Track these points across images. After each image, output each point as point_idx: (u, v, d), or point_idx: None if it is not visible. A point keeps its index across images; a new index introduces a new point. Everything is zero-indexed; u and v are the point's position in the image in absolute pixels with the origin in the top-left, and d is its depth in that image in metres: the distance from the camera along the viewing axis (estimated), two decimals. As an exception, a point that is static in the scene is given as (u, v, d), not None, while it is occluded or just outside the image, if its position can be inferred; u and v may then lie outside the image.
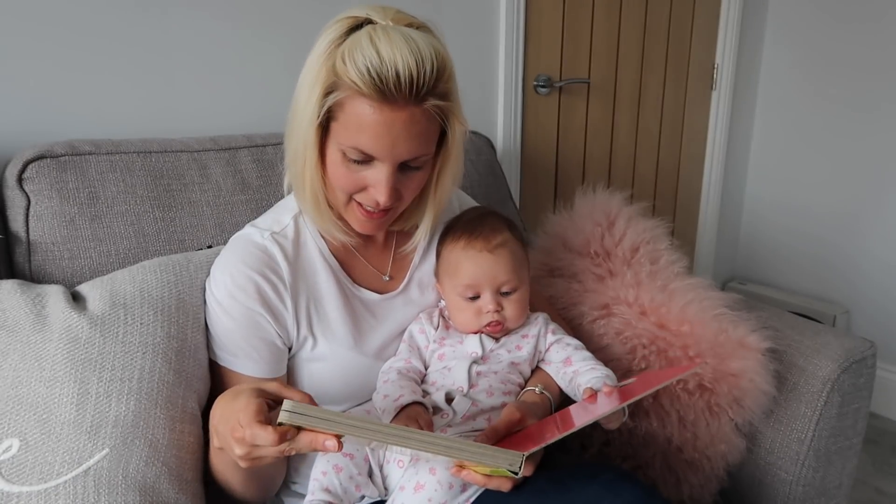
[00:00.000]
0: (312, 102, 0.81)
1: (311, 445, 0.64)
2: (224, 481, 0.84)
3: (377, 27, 0.79)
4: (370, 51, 0.76)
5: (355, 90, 0.78)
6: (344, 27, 0.81)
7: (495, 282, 0.93)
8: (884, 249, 2.14)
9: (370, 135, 0.80)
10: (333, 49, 0.80)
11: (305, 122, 0.82)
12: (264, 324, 0.87)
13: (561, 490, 0.81)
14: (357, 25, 0.80)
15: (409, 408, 0.85)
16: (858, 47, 2.09)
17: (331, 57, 0.79)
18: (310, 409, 0.62)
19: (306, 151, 0.84)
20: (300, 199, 0.90)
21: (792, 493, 1.11)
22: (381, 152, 0.81)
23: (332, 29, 0.82)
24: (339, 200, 0.88)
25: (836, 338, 1.13)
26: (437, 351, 0.95)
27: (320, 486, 0.83)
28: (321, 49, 0.81)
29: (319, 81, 0.80)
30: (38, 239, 0.97)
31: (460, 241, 0.94)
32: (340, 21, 0.82)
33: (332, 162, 0.84)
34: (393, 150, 0.81)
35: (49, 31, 1.11)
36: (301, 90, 0.83)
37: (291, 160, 0.88)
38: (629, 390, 0.82)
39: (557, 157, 1.93)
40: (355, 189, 0.85)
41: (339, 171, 0.84)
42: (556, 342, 0.97)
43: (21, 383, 0.78)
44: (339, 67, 0.78)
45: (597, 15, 1.88)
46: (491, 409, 0.89)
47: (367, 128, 0.79)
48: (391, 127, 0.79)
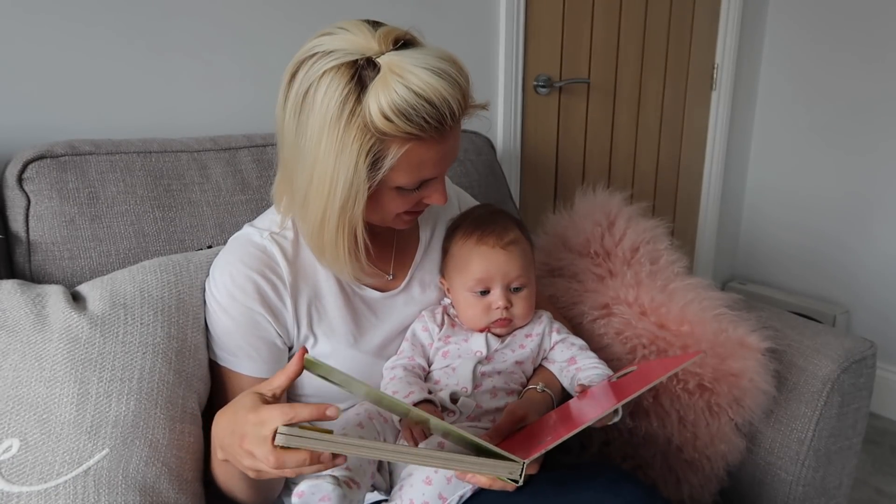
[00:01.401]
0: (352, 168, 0.76)
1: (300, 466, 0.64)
2: (227, 490, 0.84)
3: (390, 66, 0.74)
4: (414, 99, 0.73)
5: (411, 139, 0.76)
6: (343, 78, 0.75)
7: (507, 278, 0.93)
8: (883, 249, 2.14)
9: (433, 165, 0.81)
10: (352, 106, 0.74)
11: (345, 188, 0.77)
12: (264, 323, 0.87)
13: (561, 490, 0.81)
14: (356, 72, 0.75)
15: (420, 405, 0.85)
16: (858, 47, 2.09)
17: (356, 116, 0.75)
18: (306, 431, 0.63)
19: (347, 215, 0.80)
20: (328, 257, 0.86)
21: (792, 493, 1.11)
22: (441, 172, 0.83)
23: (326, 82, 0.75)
24: (385, 220, 0.89)
25: (836, 338, 1.13)
26: (442, 348, 0.95)
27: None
28: (330, 109, 0.75)
29: (354, 145, 0.75)
30: (38, 239, 0.97)
31: (472, 237, 0.94)
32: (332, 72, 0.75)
33: (387, 200, 0.83)
34: (448, 164, 0.83)
35: (49, 32, 1.11)
36: (322, 156, 0.77)
37: (317, 227, 0.82)
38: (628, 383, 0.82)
39: (557, 157, 1.93)
40: (410, 209, 0.87)
41: (394, 203, 0.84)
42: (560, 341, 0.98)
43: (21, 383, 0.78)
44: (381, 126, 0.74)
45: (597, 15, 1.88)
46: (495, 410, 0.90)
47: (429, 162, 0.80)
48: (447, 150, 0.81)
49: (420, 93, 0.73)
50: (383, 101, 0.73)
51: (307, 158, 0.79)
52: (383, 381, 0.93)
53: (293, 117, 0.80)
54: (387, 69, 0.74)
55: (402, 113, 0.74)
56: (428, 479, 0.81)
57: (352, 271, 0.87)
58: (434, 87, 0.74)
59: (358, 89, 0.75)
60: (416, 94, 0.73)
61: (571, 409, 0.82)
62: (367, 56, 0.76)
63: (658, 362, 0.92)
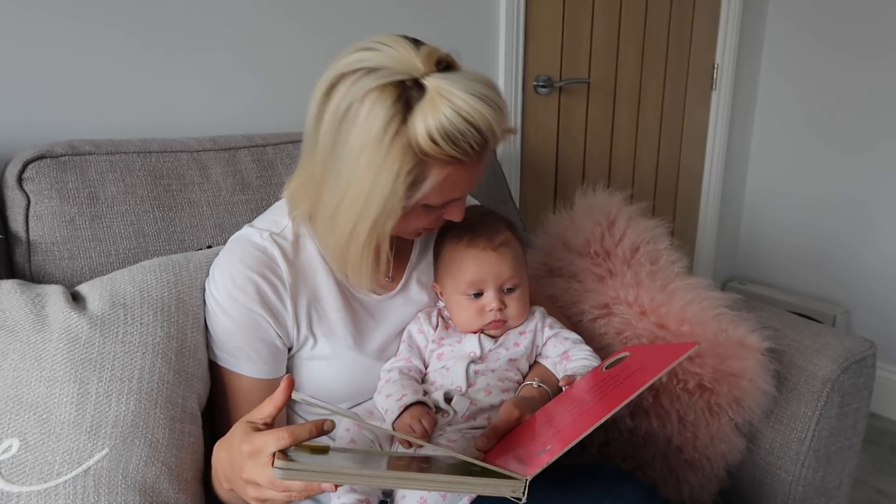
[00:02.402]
0: (390, 185, 0.76)
1: (307, 490, 0.65)
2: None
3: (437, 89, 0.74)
4: (463, 124, 0.74)
5: (453, 162, 0.77)
6: (389, 98, 0.74)
7: (499, 279, 0.93)
8: (884, 249, 2.14)
9: (463, 186, 0.82)
10: (397, 125, 0.74)
11: (380, 204, 0.77)
12: (264, 324, 0.87)
13: (561, 490, 0.81)
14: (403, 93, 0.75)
15: (413, 407, 0.85)
16: (858, 47, 2.09)
17: (400, 136, 0.75)
18: (303, 465, 0.63)
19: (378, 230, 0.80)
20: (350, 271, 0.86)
21: (792, 493, 1.11)
22: (468, 192, 0.85)
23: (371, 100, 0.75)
24: (404, 233, 0.89)
25: (836, 338, 1.13)
26: (436, 351, 0.95)
27: (345, 489, 0.82)
28: (373, 127, 0.75)
29: (395, 163, 0.75)
30: (38, 239, 0.97)
31: (462, 240, 0.94)
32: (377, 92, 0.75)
33: (413, 217, 0.84)
34: (475, 185, 0.85)
35: (49, 32, 1.11)
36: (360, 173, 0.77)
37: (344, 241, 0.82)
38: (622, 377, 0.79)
39: (557, 157, 1.93)
40: (431, 225, 0.88)
41: (420, 220, 0.85)
42: (553, 336, 0.98)
43: (21, 383, 0.78)
44: (426, 147, 0.74)
45: (597, 15, 1.88)
46: (490, 408, 0.90)
47: (461, 183, 0.81)
48: (478, 170, 0.82)
49: (467, 118, 0.74)
50: (431, 124, 0.74)
51: (343, 174, 0.78)
52: (379, 384, 0.93)
53: (331, 132, 0.79)
54: (434, 91, 0.74)
55: (449, 137, 0.74)
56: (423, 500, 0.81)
57: (370, 284, 0.88)
58: (480, 112, 0.74)
59: (404, 110, 0.75)
60: (464, 119, 0.74)
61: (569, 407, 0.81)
62: (414, 77, 0.76)
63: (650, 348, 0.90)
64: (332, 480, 0.63)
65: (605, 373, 0.83)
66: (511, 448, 0.77)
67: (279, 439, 0.64)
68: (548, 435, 0.74)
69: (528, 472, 0.68)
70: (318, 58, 1.40)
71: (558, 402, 0.83)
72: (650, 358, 0.80)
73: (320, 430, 0.66)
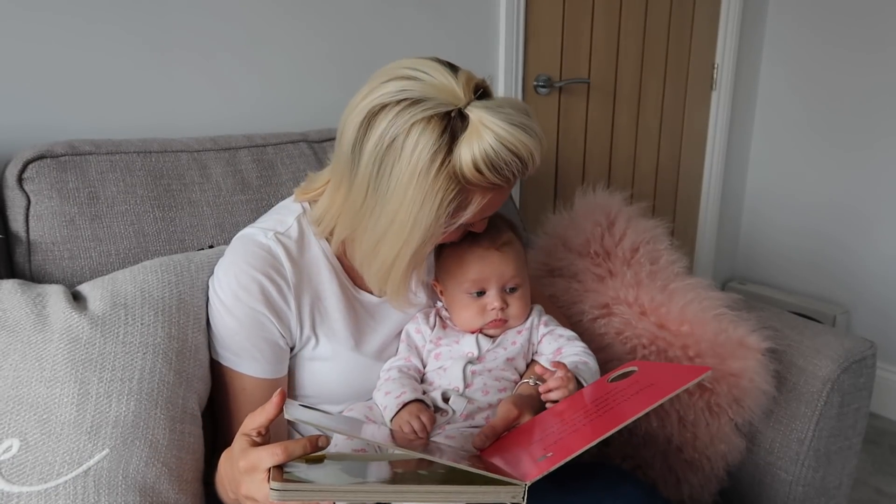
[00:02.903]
0: (433, 214, 0.78)
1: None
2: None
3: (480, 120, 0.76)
4: (506, 154, 0.76)
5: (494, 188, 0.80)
6: (436, 131, 0.75)
7: (502, 279, 0.94)
8: (884, 249, 2.14)
9: (496, 205, 0.84)
10: (443, 156, 0.76)
11: (424, 232, 0.79)
12: (268, 324, 0.87)
13: (561, 490, 0.81)
14: (448, 124, 0.76)
15: (411, 405, 0.86)
16: (859, 47, 2.09)
17: (446, 165, 0.76)
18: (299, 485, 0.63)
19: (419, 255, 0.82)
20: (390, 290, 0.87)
21: (792, 493, 1.11)
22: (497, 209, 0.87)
23: (417, 132, 0.76)
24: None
25: (836, 338, 1.14)
26: (434, 350, 0.95)
27: None
28: (421, 160, 0.76)
29: (440, 192, 0.77)
30: (38, 239, 0.97)
31: (466, 239, 0.94)
32: (423, 123, 0.76)
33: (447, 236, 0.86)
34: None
35: (49, 31, 1.11)
36: (406, 203, 0.78)
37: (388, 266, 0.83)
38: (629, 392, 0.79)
39: (557, 157, 1.93)
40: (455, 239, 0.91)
41: (450, 237, 0.88)
42: (548, 333, 0.98)
43: (21, 383, 0.78)
44: (471, 176, 0.76)
45: (597, 15, 1.88)
46: (488, 407, 0.90)
47: (494, 203, 0.83)
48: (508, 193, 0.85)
49: (510, 147, 0.76)
50: (477, 154, 0.75)
51: (389, 205, 0.79)
52: (378, 382, 0.93)
53: (373, 163, 0.79)
54: (477, 122, 0.76)
55: (494, 165, 0.76)
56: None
57: (405, 304, 0.91)
58: (522, 141, 0.76)
59: (450, 141, 0.76)
60: (507, 149, 0.76)
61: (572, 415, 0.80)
62: (458, 107, 0.77)
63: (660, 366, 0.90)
64: (328, 498, 0.63)
65: (610, 385, 0.82)
66: (509, 448, 0.77)
67: (273, 455, 0.64)
68: (549, 441, 0.73)
69: (527, 477, 0.68)
70: (320, 58, 1.40)
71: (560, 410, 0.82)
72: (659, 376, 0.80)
73: (314, 446, 0.66)
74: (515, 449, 0.76)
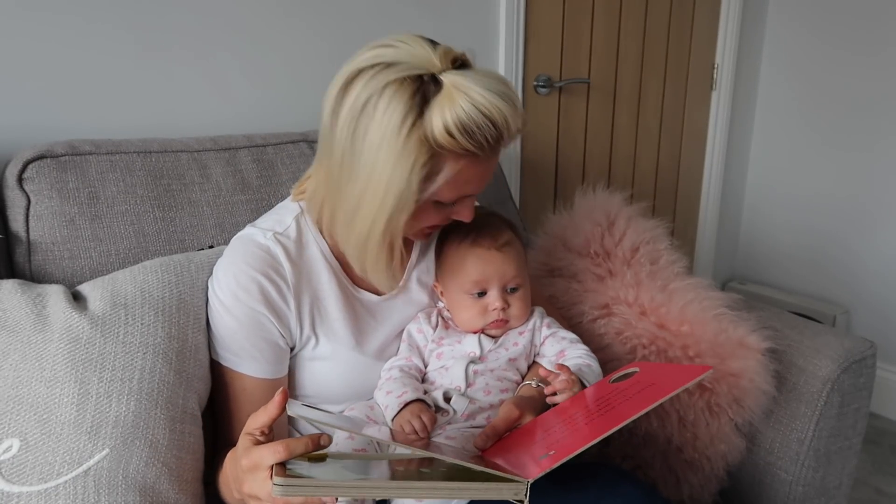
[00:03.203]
0: (405, 179, 0.77)
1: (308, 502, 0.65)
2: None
3: (454, 84, 0.75)
4: (479, 117, 0.75)
5: (468, 155, 0.78)
6: (407, 92, 0.75)
7: (503, 279, 0.94)
8: (884, 249, 2.14)
9: (476, 182, 0.83)
10: (413, 118, 0.75)
11: (395, 199, 0.78)
12: (268, 324, 0.87)
13: (560, 489, 0.81)
14: (420, 88, 0.76)
15: (412, 405, 0.86)
16: (859, 47, 2.09)
17: (416, 129, 0.76)
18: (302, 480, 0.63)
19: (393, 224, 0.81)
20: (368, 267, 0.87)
21: (792, 493, 1.11)
22: (480, 189, 0.85)
23: (389, 94, 0.76)
24: (411, 233, 0.89)
25: (836, 338, 1.14)
26: (436, 350, 0.95)
27: None
28: (392, 121, 0.76)
29: (410, 156, 0.76)
30: (38, 239, 0.97)
31: (466, 240, 0.94)
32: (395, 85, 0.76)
33: (424, 213, 0.84)
34: (487, 183, 0.85)
35: (49, 31, 1.11)
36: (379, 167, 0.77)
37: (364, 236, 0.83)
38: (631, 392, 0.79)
39: (557, 157, 1.93)
40: (439, 223, 0.89)
41: (429, 217, 0.86)
42: (550, 336, 0.98)
43: (21, 383, 0.78)
44: (442, 140, 0.75)
45: (597, 15, 1.88)
46: (490, 407, 0.90)
47: (474, 178, 0.82)
48: (490, 168, 0.83)
49: (484, 111, 0.75)
50: (448, 117, 0.75)
51: (362, 169, 0.79)
52: (380, 382, 0.93)
53: (348, 126, 0.79)
54: (450, 86, 0.76)
55: (466, 129, 0.75)
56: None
57: (387, 281, 0.90)
58: (497, 106, 0.75)
59: (421, 103, 0.76)
60: (480, 112, 0.75)
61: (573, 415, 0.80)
62: (431, 72, 0.77)
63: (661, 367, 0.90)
64: (331, 494, 0.63)
65: (611, 385, 0.82)
66: (510, 449, 0.77)
67: (275, 453, 0.64)
68: (551, 440, 0.74)
69: (529, 475, 0.68)
70: (319, 58, 1.40)
71: (561, 410, 0.82)
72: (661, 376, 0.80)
73: (316, 444, 0.66)
74: (517, 449, 0.76)
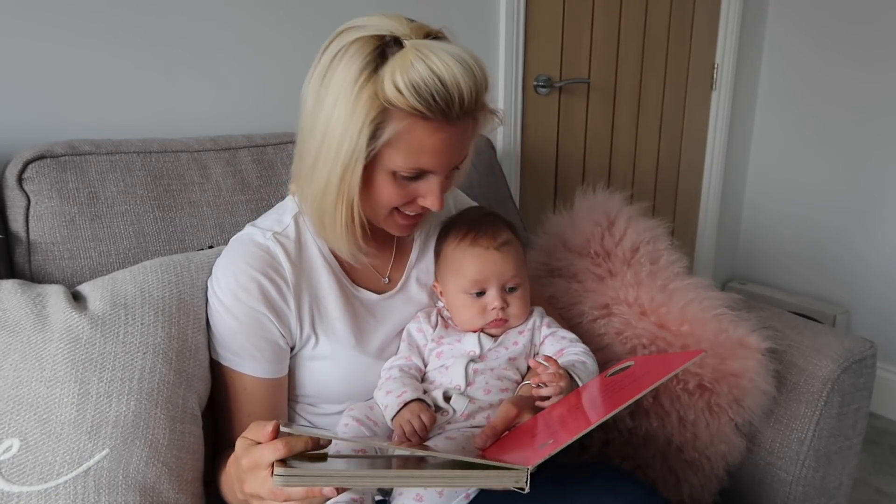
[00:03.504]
0: (356, 135, 0.77)
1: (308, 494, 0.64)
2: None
3: (414, 46, 0.76)
4: (429, 74, 0.75)
5: (417, 116, 0.77)
6: (368, 48, 0.77)
7: (502, 278, 0.94)
8: (884, 249, 2.14)
9: (431, 154, 0.81)
10: (369, 73, 0.76)
11: (346, 155, 0.79)
12: (268, 324, 0.88)
13: (561, 490, 0.81)
14: (382, 44, 0.77)
15: (412, 404, 0.86)
16: (858, 47, 2.09)
17: (369, 83, 0.76)
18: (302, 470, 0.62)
19: (345, 185, 0.81)
20: (327, 228, 0.87)
21: (792, 493, 1.11)
22: (439, 166, 0.83)
23: (353, 50, 0.78)
24: (378, 215, 0.88)
25: (836, 338, 1.13)
26: (436, 349, 0.95)
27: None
28: (349, 74, 0.77)
29: (362, 111, 0.77)
30: (38, 239, 0.97)
31: (465, 240, 0.94)
32: (359, 42, 0.78)
33: (379, 184, 0.83)
34: (449, 162, 0.83)
35: (49, 31, 1.11)
36: (334, 121, 0.79)
37: (320, 194, 0.83)
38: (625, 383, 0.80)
39: (557, 157, 1.93)
40: (404, 202, 0.87)
41: (387, 191, 0.84)
42: (550, 335, 0.98)
43: (21, 383, 0.78)
44: (391, 95, 0.76)
45: (597, 15, 1.88)
46: (490, 407, 0.90)
47: (428, 149, 0.80)
48: (450, 142, 0.81)
49: (435, 70, 0.75)
50: (398, 73, 0.75)
51: (321, 121, 0.80)
52: (380, 381, 0.93)
53: (318, 81, 0.81)
54: (411, 47, 0.77)
55: (413, 86, 0.75)
56: (419, 496, 0.81)
57: (348, 247, 0.88)
58: (450, 68, 0.75)
59: (378, 60, 0.77)
60: (431, 71, 0.75)
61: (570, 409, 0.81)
62: (395, 35, 0.78)
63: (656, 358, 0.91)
64: (332, 483, 0.63)
65: (608, 379, 0.83)
66: (510, 447, 0.77)
67: (275, 450, 0.64)
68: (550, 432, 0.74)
69: (529, 463, 0.68)
70: (319, 58, 1.40)
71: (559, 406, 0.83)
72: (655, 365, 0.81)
73: (316, 443, 0.66)
74: (516, 448, 0.76)
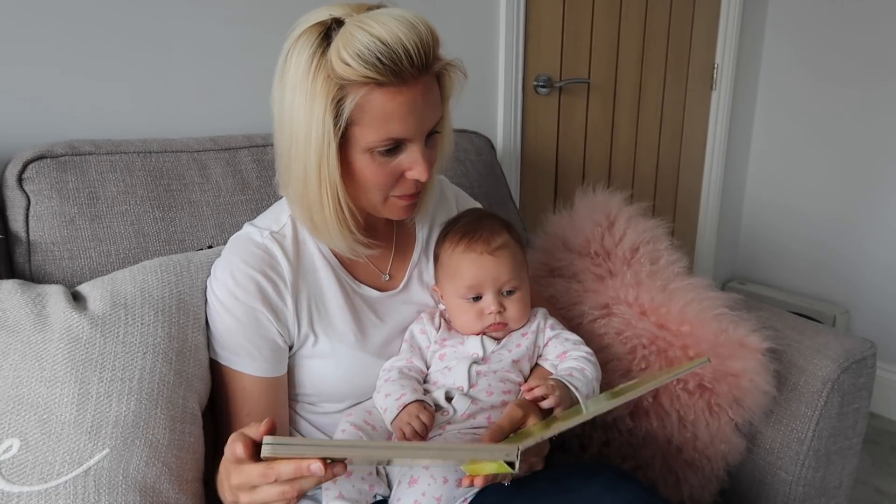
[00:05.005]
0: (321, 120, 0.78)
1: (297, 472, 0.62)
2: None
3: (353, 19, 0.77)
4: (369, 39, 0.75)
5: (371, 84, 0.77)
6: (313, 36, 0.79)
7: (497, 283, 0.93)
8: (884, 250, 2.14)
9: (398, 119, 0.80)
10: (318, 59, 0.78)
11: (317, 142, 0.79)
12: (266, 322, 0.88)
13: (561, 490, 0.81)
14: (326, 29, 0.79)
15: (411, 405, 0.85)
16: (859, 49, 2.09)
17: (321, 68, 0.77)
18: (290, 439, 0.61)
19: (324, 172, 0.81)
20: (318, 227, 0.86)
21: (792, 493, 1.11)
22: (412, 132, 0.82)
23: (300, 43, 0.79)
24: (374, 201, 0.88)
25: (836, 338, 1.13)
26: (439, 351, 0.95)
27: (334, 495, 0.82)
28: (301, 66, 0.79)
29: (321, 95, 0.77)
30: (38, 239, 0.97)
31: (460, 245, 0.94)
32: (305, 33, 0.79)
33: (361, 166, 0.83)
34: (421, 125, 0.82)
35: (49, 32, 1.11)
36: (296, 114, 0.80)
37: (302, 189, 0.83)
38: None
39: (557, 157, 1.93)
40: (393, 182, 0.85)
41: (370, 171, 0.83)
42: (554, 337, 0.98)
43: (21, 383, 0.78)
44: (341, 71, 0.76)
45: (597, 15, 1.88)
46: (491, 408, 0.89)
47: (393, 114, 0.79)
48: (414, 103, 0.80)
49: (374, 34, 0.75)
50: (342, 48, 0.76)
51: (286, 118, 0.82)
52: (378, 382, 0.93)
53: (278, 83, 0.83)
54: (350, 22, 0.78)
55: (358, 54, 0.76)
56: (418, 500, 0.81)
57: (344, 240, 0.87)
58: (389, 28, 0.76)
59: (324, 43, 0.78)
60: (371, 35, 0.75)
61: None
62: (336, 17, 0.79)
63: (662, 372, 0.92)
64: (321, 454, 0.61)
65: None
66: None
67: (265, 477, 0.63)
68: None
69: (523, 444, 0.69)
70: (318, 58, 1.40)
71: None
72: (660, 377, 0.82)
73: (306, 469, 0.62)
74: None
